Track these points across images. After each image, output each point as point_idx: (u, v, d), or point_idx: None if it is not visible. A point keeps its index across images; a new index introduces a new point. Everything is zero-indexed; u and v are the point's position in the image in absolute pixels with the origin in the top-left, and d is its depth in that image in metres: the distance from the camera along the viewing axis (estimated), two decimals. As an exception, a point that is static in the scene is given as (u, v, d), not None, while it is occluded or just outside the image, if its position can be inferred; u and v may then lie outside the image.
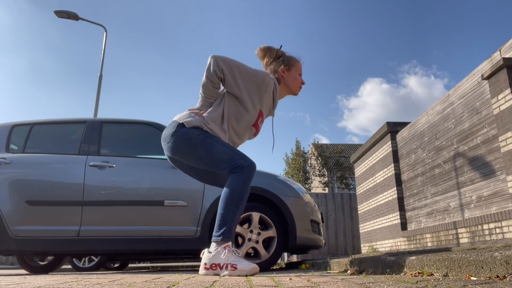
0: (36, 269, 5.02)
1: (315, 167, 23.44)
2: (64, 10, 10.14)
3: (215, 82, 2.06)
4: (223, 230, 1.94)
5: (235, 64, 2.08)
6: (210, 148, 2.03)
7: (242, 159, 2.03)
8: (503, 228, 3.78)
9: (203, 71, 2.09)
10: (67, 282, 1.41)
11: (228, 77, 2.06)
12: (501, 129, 3.75)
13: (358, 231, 9.33)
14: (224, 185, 2.10)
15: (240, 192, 1.98)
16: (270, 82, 2.15)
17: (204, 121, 2.08)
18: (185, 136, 2.05)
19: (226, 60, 2.05)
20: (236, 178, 2.00)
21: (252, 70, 2.13)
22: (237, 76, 2.07)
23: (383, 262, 2.06)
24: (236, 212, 1.98)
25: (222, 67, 2.03)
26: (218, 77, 2.05)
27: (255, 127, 2.22)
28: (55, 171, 3.65)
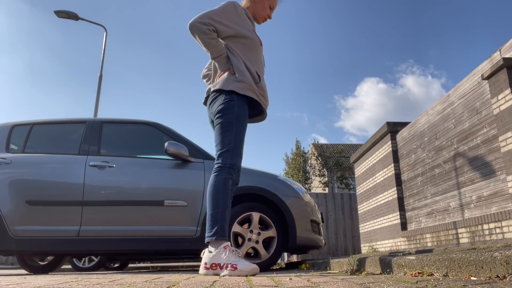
0: (36, 269, 5.02)
1: (315, 167, 23.43)
2: (64, 10, 10.14)
3: (214, 36, 2.15)
4: (216, 229, 1.97)
5: (210, 13, 2.16)
6: (227, 129, 2.13)
7: (230, 158, 2.11)
8: (503, 228, 3.78)
9: (195, 42, 2.19)
10: (67, 282, 1.41)
11: (217, 25, 2.15)
12: (501, 129, 3.75)
13: (358, 231, 9.33)
14: None
15: (223, 190, 2.06)
16: (236, 4, 2.26)
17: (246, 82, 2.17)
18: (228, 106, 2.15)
19: (203, 16, 2.14)
20: (215, 178, 2.09)
21: (221, 6, 2.22)
22: (219, 19, 2.16)
23: (383, 262, 2.06)
24: (224, 210, 2.02)
25: (207, 21, 2.12)
26: (212, 30, 2.14)
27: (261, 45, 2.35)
28: (55, 171, 3.64)
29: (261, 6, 2.37)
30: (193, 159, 3.68)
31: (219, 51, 2.20)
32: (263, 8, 2.38)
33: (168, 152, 3.53)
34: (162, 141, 3.80)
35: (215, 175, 2.11)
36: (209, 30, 2.13)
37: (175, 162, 3.67)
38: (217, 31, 2.17)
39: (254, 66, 2.26)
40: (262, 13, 2.39)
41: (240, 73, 2.18)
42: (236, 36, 2.22)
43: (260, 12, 2.38)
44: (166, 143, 3.55)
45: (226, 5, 2.23)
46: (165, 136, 3.88)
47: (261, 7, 2.37)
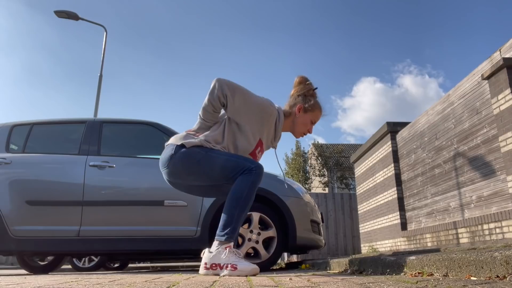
0: (36, 269, 5.02)
1: (315, 167, 23.44)
2: (64, 10, 10.14)
3: (217, 107, 2.00)
4: (228, 230, 1.93)
5: (240, 91, 1.99)
6: (214, 160, 1.97)
7: (248, 162, 1.98)
8: (503, 228, 3.78)
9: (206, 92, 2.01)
10: (67, 282, 1.41)
11: (230, 103, 1.98)
12: (501, 129, 3.74)
13: (358, 231, 9.33)
14: None
15: (247, 193, 1.94)
16: (274, 112, 2.08)
17: (205, 140, 2.02)
18: (186, 155, 1.99)
19: (231, 86, 1.97)
20: (244, 178, 1.95)
21: (256, 98, 2.05)
22: (240, 103, 1.99)
23: (383, 262, 2.06)
24: (242, 213, 1.95)
25: (227, 92, 1.95)
26: (221, 102, 1.98)
27: (252, 156, 2.14)
28: (55, 171, 3.65)
29: (301, 121, 2.17)
30: (193, 159, 3.68)
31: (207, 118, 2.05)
32: (304, 124, 2.18)
33: (168, 152, 3.53)
34: (162, 141, 3.80)
35: (244, 176, 1.96)
36: (219, 99, 1.96)
37: (175, 162, 3.67)
38: (227, 107, 1.99)
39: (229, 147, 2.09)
40: (302, 128, 2.19)
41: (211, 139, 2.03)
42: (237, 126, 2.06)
43: (300, 127, 2.19)
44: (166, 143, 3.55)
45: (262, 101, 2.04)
46: (165, 136, 3.88)
47: (301, 122, 2.18)
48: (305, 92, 2.19)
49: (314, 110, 2.19)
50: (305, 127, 2.20)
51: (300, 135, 2.23)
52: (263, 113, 2.05)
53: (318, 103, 2.21)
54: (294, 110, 2.18)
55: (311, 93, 2.20)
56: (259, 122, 2.06)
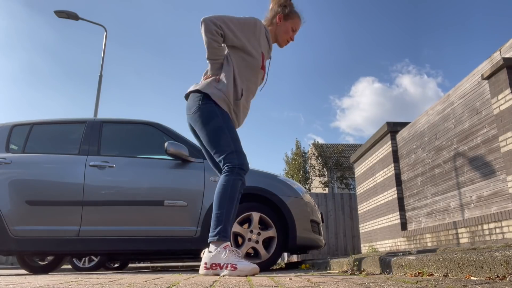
0: (36, 269, 5.01)
1: (315, 167, 23.43)
2: (64, 10, 10.14)
3: (219, 40, 2.12)
4: (219, 229, 1.97)
5: (227, 18, 2.14)
6: (220, 133, 2.10)
7: (237, 159, 2.07)
8: (503, 228, 3.78)
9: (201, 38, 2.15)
10: (67, 282, 1.41)
11: (226, 31, 2.12)
12: (501, 129, 3.75)
13: (358, 231, 9.33)
14: (219, 170, 2.23)
15: (230, 191, 2.03)
16: (261, 24, 2.24)
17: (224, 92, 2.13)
18: (209, 111, 2.12)
19: (218, 17, 2.11)
20: (226, 178, 2.05)
21: (242, 18, 2.20)
22: (233, 27, 2.13)
23: (383, 262, 2.06)
24: (230, 211, 2.01)
25: (219, 23, 2.09)
26: (219, 33, 2.10)
27: (262, 70, 2.30)
28: (55, 171, 3.64)
29: (283, 29, 2.33)
30: (193, 159, 3.68)
31: (216, 55, 2.17)
32: (286, 31, 2.33)
33: (168, 152, 3.53)
34: (162, 141, 3.80)
35: (225, 175, 2.06)
36: (217, 32, 2.09)
37: (175, 162, 3.67)
38: (225, 36, 2.13)
39: (243, 83, 2.21)
40: (285, 35, 2.34)
41: (222, 84, 2.15)
42: (241, 50, 2.19)
43: (282, 35, 2.34)
44: (166, 143, 3.55)
45: (247, 19, 2.21)
46: (165, 136, 3.88)
47: (283, 30, 2.33)
48: (281, 2, 2.34)
49: (293, 17, 2.35)
50: (287, 34, 2.35)
51: (284, 43, 2.38)
52: (254, 28, 2.21)
53: (296, 11, 2.37)
54: (274, 21, 2.34)
55: (288, 2, 2.35)
56: (255, 37, 2.21)
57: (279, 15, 2.32)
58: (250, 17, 2.23)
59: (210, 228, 2.01)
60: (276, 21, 2.33)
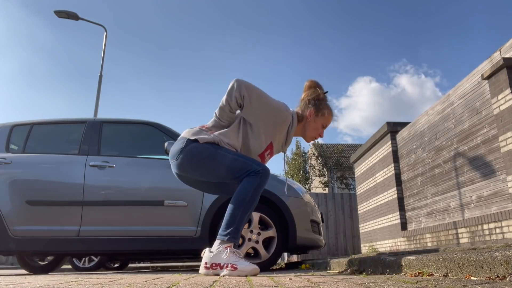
0: (36, 269, 5.02)
1: (315, 167, 23.43)
2: (64, 10, 10.14)
3: (234, 107, 2.02)
4: (230, 230, 1.93)
5: (257, 93, 2.01)
6: (222, 158, 1.99)
7: (256, 165, 2.00)
8: (503, 228, 3.78)
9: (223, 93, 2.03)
10: (67, 282, 1.41)
11: (247, 104, 1.99)
12: (501, 129, 3.75)
13: (358, 231, 9.33)
14: None
15: (252, 194, 1.96)
16: (288, 118, 2.09)
17: (218, 138, 2.03)
18: (196, 150, 2.01)
19: (249, 87, 1.99)
20: (250, 180, 1.97)
21: (273, 101, 2.07)
22: (256, 105, 2.01)
23: (383, 262, 2.06)
24: (245, 214, 1.96)
25: (244, 93, 1.97)
26: (238, 103, 2.00)
27: (261, 157, 2.17)
28: (55, 171, 3.64)
29: (313, 126, 2.19)
30: (193, 159, 3.68)
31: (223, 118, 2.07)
32: (315, 128, 2.19)
33: (168, 152, 3.53)
34: (162, 141, 3.80)
35: (251, 176, 1.97)
36: (237, 100, 1.98)
37: (175, 162, 3.67)
38: (244, 107, 2.00)
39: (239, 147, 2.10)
40: (313, 132, 2.21)
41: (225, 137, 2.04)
42: (251, 127, 2.07)
43: (311, 132, 2.20)
44: (166, 143, 3.55)
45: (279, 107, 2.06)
46: (165, 136, 3.88)
47: (313, 127, 2.19)
48: (315, 96, 2.19)
49: (325, 114, 2.19)
50: (316, 131, 2.21)
51: (311, 139, 2.25)
52: (278, 117, 2.06)
53: (329, 107, 2.22)
54: (305, 114, 2.18)
55: (322, 97, 2.20)
56: (273, 125, 2.07)
57: (310, 111, 2.16)
58: (282, 105, 2.09)
59: (222, 225, 1.95)
60: (307, 116, 2.17)
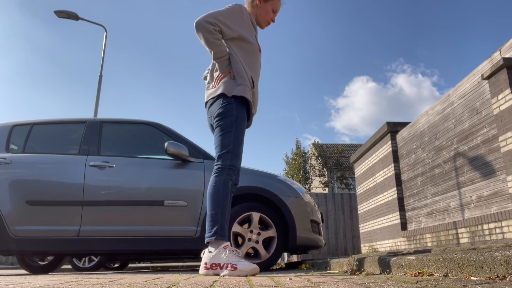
0: (36, 269, 5.01)
1: (315, 167, 23.43)
2: (64, 10, 10.14)
3: (219, 37, 2.16)
4: (215, 229, 1.98)
5: (217, 13, 2.18)
6: (226, 132, 2.16)
7: (230, 159, 2.13)
8: (503, 228, 3.78)
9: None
10: (67, 282, 1.41)
11: (222, 26, 2.16)
12: (501, 129, 3.75)
13: (358, 231, 9.33)
14: None
15: (222, 191, 2.07)
16: (243, 8, 2.29)
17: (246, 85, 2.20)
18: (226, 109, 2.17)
19: (209, 15, 2.15)
20: (215, 179, 2.11)
21: (228, 8, 2.24)
22: (225, 21, 2.17)
23: (383, 262, 2.06)
24: (224, 210, 2.04)
25: (211, 20, 2.13)
26: (217, 31, 2.15)
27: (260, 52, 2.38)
28: (55, 171, 3.64)
29: (264, 10, 2.37)
30: (193, 159, 3.68)
31: (222, 52, 2.20)
32: (266, 12, 2.37)
33: (168, 152, 3.53)
34: (162, 141, 3.80)
35: (215, 176, 2.13)
36: (215, 30, 2.13)
37: (175, 162, 3.67)
38: (222, 32, 2.17)
39: (250, 71, 2.27)
40: (266, 17, 2.38)
41: (240, 77, 2.21)
42: (238, 39, 2.24)
43: (264, 16, 2.38)
44: (166, 143, 3.55)
45: (233, 7, 2.24)
46: (165, 136, 3.88)
47: (264, 11, 2.37)
48: None
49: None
50: (267, 15, 2.40)
51: (265, 24, 2.43)
52: (242, 14, 2.27)
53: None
54: (255, 3, 2.38)
55: None
56: (245, 23, 2.27)
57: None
58: (234, 5, 2.27)
59: (206, 228, 2.03)
60: (256, 3, 2.37)
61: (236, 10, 2.25)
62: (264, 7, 2.37)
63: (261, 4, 2.36)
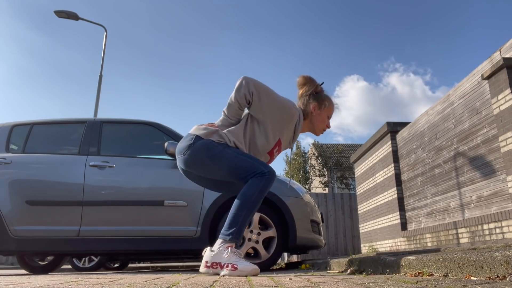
0: (36, 269, 5.02)
1: (315, 167, 23.43)
2: (64, 10, 10.15)
3: (242, 104, 2.04)
4: (233, 230, 1.94)
5: (265, 90, 2.05)
6: (229, 158, 2.01)
7: (262, 166, 2.01)
8: (503, 228, 3.78)
9: (231, 91, 2.06)
10: (67, 282, 1.41)
11: (256, 102, 2.03)
12: (501, 129, 3.75)
13: (358, 231, 9.33)
14: None
15: (257, 196, 1.97)
16: (295, 115, 2.13)
17: (226, 135, 2.05)
18: (203, 147, 2.02)
19: (257, 84, 2.03)
20: (255, 182, 1.98)
21: (281, 99, 2.09)
22: (264, 102, 2.04)
23: (383, 262, 2.06)
24: (248, 215, 1.97)
25: (253, 90, 2.01)
26: (247, 100, 2.02)
27: (270, 155, 2.20)
28: (55, 171, 3.64)
29: (319, 119, 2.25)
30: (193, 159, 3.68)
31: (232, 115, 2.09)
32: (322, 121, 2.25)
33: (168, 152, 3.53)
34: (162, 141, 3.80)
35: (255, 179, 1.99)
36: (246, 97, 2.01)
37: (175, 162, 3.67)
38: (252, 104, 2.04)
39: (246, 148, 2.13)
40: (321, 125, 2.27)
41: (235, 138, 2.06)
42: (259, 124, 2.10)
43: (319, 125, 2.26)
44: (166, 143, 3.55)
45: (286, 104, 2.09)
46: (165, 136, 3.88)
47: (319, 120, 2.25)
48: (313, 90, 2.24)
49: (328, 105, 2.26)
50: (323, 123, 2.27)
51: (320, 132, 2.30)
52: (286, 114, 2.09)
53: (329, 97, 2.28)
54: (309, 109, 2.23)
55: (319, 89, 2.26)
56: (281, 122, 2.10)
57: (314, 105, 2.21)
58: (289, 102, 2.12)
59: (225, 224, 1.96)
60: (311, 111, 2.22)
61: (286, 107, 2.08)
62: (320, 116, 2.24)
63: (316, 112, 2.23)
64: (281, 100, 2.09)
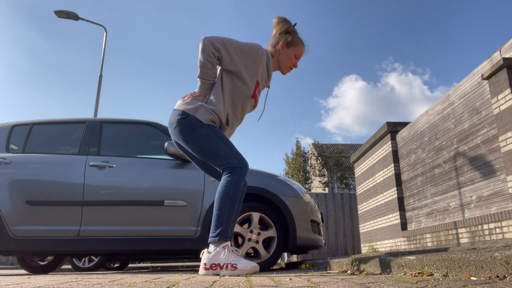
0: (36, 269, 5.01)
1: (315, 167, 23.43)
2: (64, 10, 10.15)
3: (214, 62, 2.10)
4: (220, 230, 1.96)
5: (228, 41, 2.12)
6: (210, 141, 2.08)
7: (236, 159, 2.07)
8: (503, 228, 3.78)
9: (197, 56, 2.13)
10: (67, 282, 1.41)
11: (224, 55, 2.10)
12: (501, 129, 3.75)
13: (358, 231, 9.33)
14: (218, 178, 2.19)
15: (233, 192, 2.02)
16: (264, 54, 2.20)
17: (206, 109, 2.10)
18: (190, 127, 2.10)
19: (219, 39, 2.10)
20: (228, 179, 2.04)
21: (245, 43, 2.17)
22: (231, 52, 2.11)
23: (383, 262, 2.06)
24: (231, 212, 2.00)
25: (218, 46, 2.08)
26: (216, 56, 2.09)
27: (253, 98, 2.26)
28: (55, 171, 3.64)
29: (286, 56, 2.29)
30: (193, 159, 3.68)
31: (208, 76, 2.14)
32: (288, 58, 2.30)
33: (168, 152, 3.53)
34: (162, 141, 3.80)
35: (227, 176, 2.05)
36: (213, 54, 2.07)
37: (175, 162, 3.67)
38: (221, 59, 2.10)
39: (229, 109, 2.18)
40: (287, 63, 2.31)
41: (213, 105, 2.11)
42: (234, 75, 2.15)
43: (285, 62, 2.31)
44: (166, 143, 3.55)
45: (250, 45, 2.17)
46: (165, 136, 3.88)
47: (286, 57, 2.30)
48: (285, 29, 2.30)
49: (297, 44, 2.31)
50: (290, 61, 2.32)
51: (287, 70, 2.35)
52: (255, 56, 2.17)
53: (299, 38, 2.33)
54: (277, 48, 2.29)
55: (291, 29, 2.31)
56: (253, 65, 2.18)
57: (282, 42, 2.28)
58: (253, 44, 2.19)
59: (211, 228, 2.00)
60: (279, 48, 2.28)
61: (251, 49, 2.16)
62: (287, 53, 2.29)
63: (284, 49, 2.29)
64: (247, 45, 2.17)
